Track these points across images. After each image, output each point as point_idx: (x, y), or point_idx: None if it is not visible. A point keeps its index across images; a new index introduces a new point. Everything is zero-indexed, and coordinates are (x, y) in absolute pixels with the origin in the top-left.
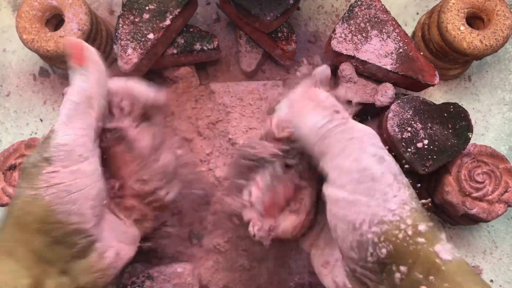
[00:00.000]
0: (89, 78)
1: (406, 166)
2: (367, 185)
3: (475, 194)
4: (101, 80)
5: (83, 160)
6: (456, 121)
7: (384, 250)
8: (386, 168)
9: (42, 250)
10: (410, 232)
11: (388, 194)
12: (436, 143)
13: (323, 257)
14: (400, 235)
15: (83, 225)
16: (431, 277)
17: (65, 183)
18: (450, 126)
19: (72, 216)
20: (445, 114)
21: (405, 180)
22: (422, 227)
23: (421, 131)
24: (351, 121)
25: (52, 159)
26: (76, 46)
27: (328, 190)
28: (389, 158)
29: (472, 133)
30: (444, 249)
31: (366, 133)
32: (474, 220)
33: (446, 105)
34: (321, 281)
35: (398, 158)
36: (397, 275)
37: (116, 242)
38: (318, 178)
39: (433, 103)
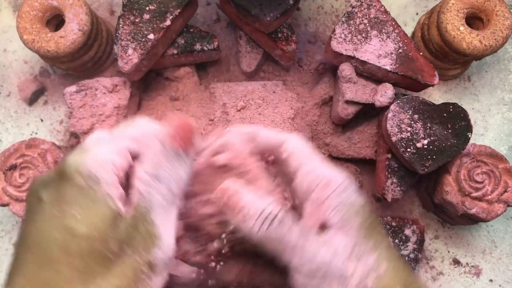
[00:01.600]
0: (187, 168)
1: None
2: (321, 273)
3: (474, 194)
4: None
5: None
6: (456, 121)
7: None
8: (340, 245)
9: None
10: None
11: (346, 273)
12: (436, 143)
13: None
14: None
15: None
16: None
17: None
18: (449, 126)
19: None
20: (445, 114)
21: (372, 239)
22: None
23: (420, 131)
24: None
25: (157, 265)
26: (186, 127)
27: (293, 276)
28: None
29: (471, 133)
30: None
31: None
32: (473, 220)
33: (445, 105)
34: None
35: (397, 158)
36: None
37: None
38: None
39: (432, 103)
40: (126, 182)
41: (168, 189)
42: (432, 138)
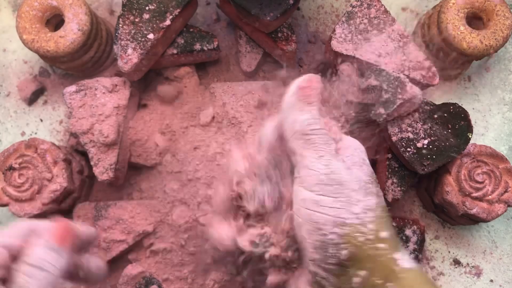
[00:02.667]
0: (65, 259)
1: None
2: (333, 188)
3: (475, 194)
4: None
5: None
6: (456, 121)
7: (344, 252)
8: (353, 176)
9: None
10: (371, 237)
11: (352, 198)
12: (436, 143)
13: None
14: (361, 239)
15: None
16: (389, 284)
17: None
18: (450, 126)
19: None
20: (445, 114)
21: (376, 189)
22: (383, 233)
23: (421, 131)
24: (340, 134)
25: None
26: (65, 228)
27: (296, 188)
28: (363, 168)
29: (472, 133)
30: (404, 258)
31: (351, 146)
32: (474, 220)
33: (446, 105)
34: None
35: (397, 158)
36: (356, 279)
37: None
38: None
39: (433, 103)
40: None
41: (52, 276)
42: (432, 138)
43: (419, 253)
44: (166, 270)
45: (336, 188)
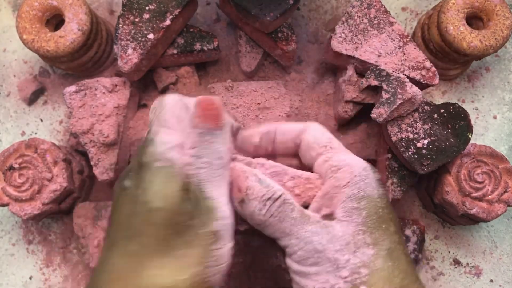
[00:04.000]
0: (223, 140)
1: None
2: (314, 259)
3: (474, 194)
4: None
5: (231, 238)
6: (456, 121)
7: None
8: (339, 232)
9: None
10: None
11: (339, 260)
12: (436, 143)
13: None
14: None
15: None
16: None
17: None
18: (450, 126)
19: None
20: (445, 114)
21: (374, 235)
22: None
23: (421, 131)
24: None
25: (220, 233)
26: (212, 106)
27: (286, 259)
28: (352, 217)
29: (472, 133)
30: None
31: (340, 184)
32: (474, 220)
33: (446, 105)
34: None
35: (397, 158)
36: None
37: None
38: None
39: (433, 103)
40: None
41: (211, 164)
42: (432, 138)
43: (419, 253)
44: None
45: (316, 257)
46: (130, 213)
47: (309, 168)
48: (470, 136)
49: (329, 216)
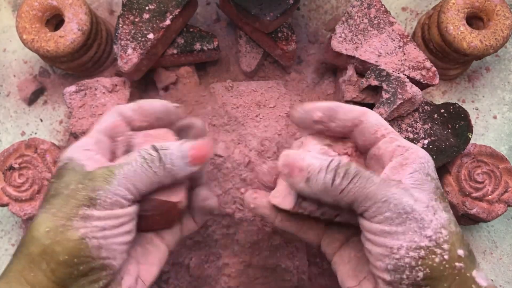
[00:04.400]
0: (184, 174)
1: None
2: (402, 219)
3: (475, 194)
4: None
5: (123, 207)
6: (456, 121)
7: (420, 274)
8: (418, 197)
9: (66, 281)
10: (446, 257)
11: (424, 220)
12: (436, 143)
13: (351, 271)
14: (437, 259)
15: (112, 261)
16: None
17: (103, 221)
18: (450, 126)
19: (103, 252)
20: (445, 114)
21: (443, 204)
22: (460, 251)
23: (421, 131)
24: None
25: (97, 202)
26: (205, 151)
27: (365, 223)
28: (425, 187)
29: (472, 133)
30: (480, 275)
31: (413, 162)
32: (474, 220)
33: (446, 105)
34: None
35: None
36: None
37: (136, 265)
38: None
39: (433, 103)
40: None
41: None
42: (432, 138)
43: None
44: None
45: (404, 217)
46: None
47: (365, 149)
48: (470, 136)
49: (398, 183)
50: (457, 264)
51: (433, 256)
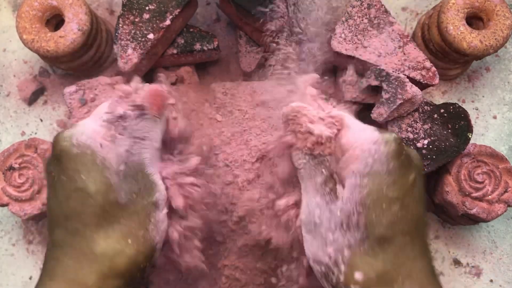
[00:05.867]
0: (161, 127)
1: None
2: (309, 227)
3: (475, 194)
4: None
5: (165, 206)
6: (456, 121)
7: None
8: (328, 216)
9: None
10: (342, 279)
11: (328, 238)
12: (436, 143)
13: None
14: (334, 279)
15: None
16: None
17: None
18: (450, 126)
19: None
20: (445, 114)
21: (364, 220)
22: (358, 275)
23: (421, 131)
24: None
25: (158, 203)
26: (160, 95)
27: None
28: (352, 196)
29: (472, 133)
30: None
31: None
32: (474, 220)
33: (446, 105)
34: None
35: None
36: None
37: None
38: None
39: (433, 103)
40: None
41: (151, 146)
42: (432, 138)
43: None
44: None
45: (314, 227)
46: (64, 197)
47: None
48: (470, 136)
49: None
50: (352, 286)
51: (331, 274)
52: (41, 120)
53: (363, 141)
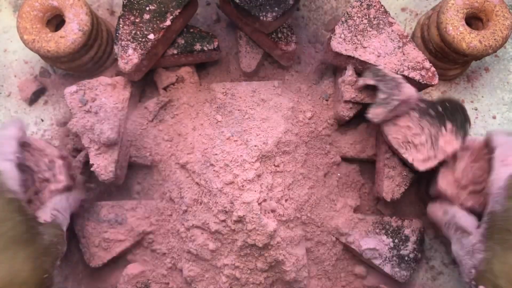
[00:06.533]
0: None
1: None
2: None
3: (472, 188)
4: None
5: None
6: (453, 115)
7: None
8: (462, 246)
9: None
10: None
11: (462, 262)
12: (434, 138)
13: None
14: None
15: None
16: None
17: None
18: (447, 121)
19: None
20: (441, 110)
21: (483, 246)
22: None
23: (418, 128)
24: None
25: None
26: None
27: None
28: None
29: (469, 124)
30: None
31: None
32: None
33: (441, 101)
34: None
35: (397, 156)
36: None
37: None
38: None
39: (428, 100)
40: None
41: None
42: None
43: (418, 253)
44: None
45: (456, 257)
46: None
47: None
48: (468, 127)
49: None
50: None
51: None
52: (42, 120)
53: (495, 184)
